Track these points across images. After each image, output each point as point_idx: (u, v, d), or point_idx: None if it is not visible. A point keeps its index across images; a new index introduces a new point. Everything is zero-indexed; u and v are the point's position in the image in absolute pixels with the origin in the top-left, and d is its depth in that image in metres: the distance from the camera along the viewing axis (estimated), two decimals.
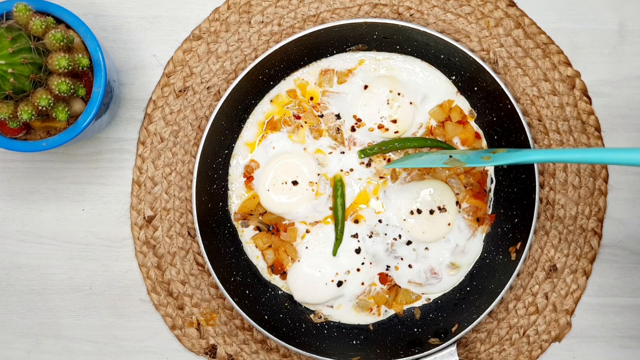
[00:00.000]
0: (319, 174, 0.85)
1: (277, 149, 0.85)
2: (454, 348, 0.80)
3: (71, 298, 0.87)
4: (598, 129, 0.86)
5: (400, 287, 0.86)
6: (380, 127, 0.84)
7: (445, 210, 0.84)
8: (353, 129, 0.85)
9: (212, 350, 0.87)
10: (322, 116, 0.85)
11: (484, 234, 0.86)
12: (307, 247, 0.85)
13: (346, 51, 0.85)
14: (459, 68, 0.83)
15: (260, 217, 0.86)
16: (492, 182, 0.86)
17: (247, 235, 0.86)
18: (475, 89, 0.83)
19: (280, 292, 0.87)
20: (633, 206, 0.87)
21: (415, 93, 0.85)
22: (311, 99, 0.85)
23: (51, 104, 0.68)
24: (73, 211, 0.87)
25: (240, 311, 0.80)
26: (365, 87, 0.85)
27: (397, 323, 0.86)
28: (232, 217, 0.86)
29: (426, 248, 0.85)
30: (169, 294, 0.86)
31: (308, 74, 0.86)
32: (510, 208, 0.84)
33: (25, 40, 0.67)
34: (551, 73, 0.86)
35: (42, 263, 0.87)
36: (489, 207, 0.86)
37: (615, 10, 0.87)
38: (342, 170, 0.85)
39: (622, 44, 0.87)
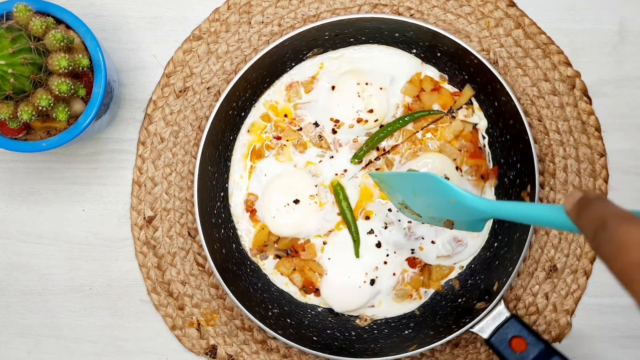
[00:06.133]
0: (316, 185, 0.84)
1: (268, 175, 0.85)
2: (502, 306, 0.79)
3: (71, 298, 0.87)
4: (598, 129, 0.86)
5: (430, 265, 0.85)
6: (359, 120, 0.84)
7: (448, 179, 0.83)
8: (334, 131, 0.85)
9: (212, 351, 0.86)
10: (301, 129, 0.85)
11: (493, 188, 0.85)
12: (329, 258, 0.85)
13: (304, 60, 0.85)
14: (416, 40, 0.83)
15: (275, 245, 0.85)
16: (484, 138, 0.86)
17: (269, 266, 0.86)
18: (438, 54, 0.83)
19: (320, 309, 0.86)
20: (633, 206, 0.87)
21: (382, 77, 0.85)
22: (285, 116, 0.85)
23: (51, 104, 0.68)
24: (73, 211, 0.87)
25: (300, 347, 0.79)
26: (333, 87, 0.84)
27: (440, 300, 0.86)
28: (250, 254, 0.86)
29: None
30: (169, 294, 0.86)
31: (275, 94, 0.85)
32: (509, 155, 0.83)
33: (25, 40, 0.67)
34: (551, 73, 0.86)
35: (42, 263, 0.87)
36: (489, 161, 0.86)
37: (615, 10, 0.87)
38: (337, 174, 0.85)
39: (622, 44, 0.87)
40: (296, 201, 0.83)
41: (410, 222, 0.84)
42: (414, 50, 0.85)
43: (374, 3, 0.86)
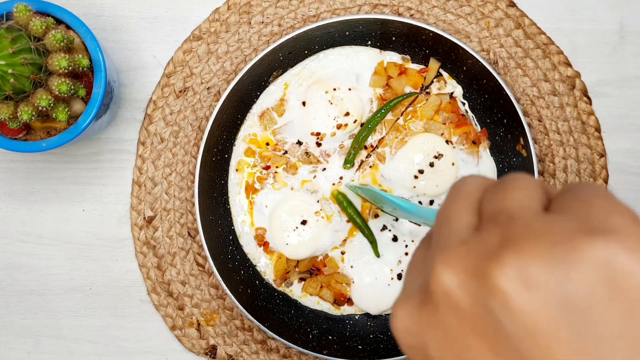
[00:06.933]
0: (318, 201, 0.84)
1: (269, 206, 0.85)
2: None
3: (71, 298, 0.87)
4: (598, 130, 0.86)
5: None
6: (339, 126, 0.84)
7: (442, 155, 0.83)
8: (318, 144, 0.85)
9: (212, 351, 0.87)
10: (286, 152, 0.85)
11: (488, 150, 0.85)
12: (352, 266, 0.85)
13: (267, 85, 0.85)
14: (367, 32, 0.83)
15: (296, 269, 0.85)
16: (464, 104, 0.86)
17: (296, 291, 0.86)
18: (393, 38, 0.83)
19: (357, 317, 0.86)
20: (633, 206, 0.87)
21: (347, 78, 0.85)
22: (267, 144, 0.85)
23: (51, 105, 0.68)
24: (73, 211, 0.87)
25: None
26: (304, 103, 0.85)
27: None
28: (275, 286, 0.86)
29: None
30: (169, 294, 0.86)
31: (250, 127, 0.85)
32: (493, 113, 0.83)
33: (25, 40, 0.67)
34: (551, 73, 0.86)
35: (42, 263, 0.87)
36: (475, 125, 0.86)
37: (615, 10, 0.87)
38: (334, 184, 0.85)
39: (622, 44, 0.87)
40: (303, 222, 0.83)
41: (420, 202, 0.84)
42: (369, 42, 0.85)
43: (374, 3, 0.86)
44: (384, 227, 0.85)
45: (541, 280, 0.26)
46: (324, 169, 0.85)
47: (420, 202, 0.84)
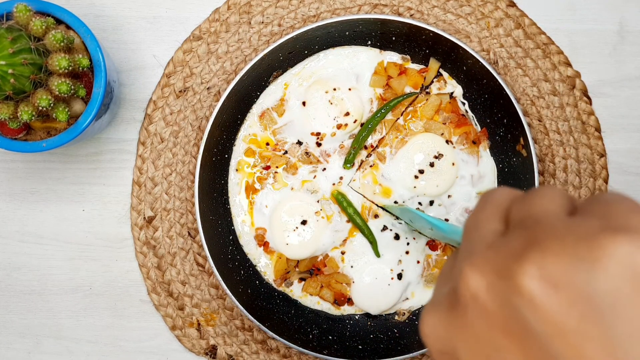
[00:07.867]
0: (318, 201, 0.84)
1: (269, 206, 0.85)
2: None
3: (71, 298, 0.87)
4: (598, 129, 0.87)
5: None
6: (339, 126, 0.84)
7: (442, 155, 0.84)
8: (318, 144, 0.85)
9: (212, 351, 0.87)
10: (286, 152, 0.85)
11: (488, 150, 0.85)
12: (352, 266, 0.85)
13: (267, 85, 0.85)
14: (367, 32, 0.83)
15: (297, 269, 0.85)
16: (464, 104, 0.86)
17: (296, 291, 0.86)
18: (393, 38, 0.84)
19: (357, 317, 0.86)
20: None
21: (347, 78, 0.85)
22: (267, 144, 0.85)
23: (51, 105, 0.68)
24: (73, 212, 0.87)
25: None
26: (304, 103, 0.84)
27: None
28: (275, 286, 0.86)
29: (449, 196, 0.84)
30: (169, 294, 0.86)
31: (250, 127, 0.85)
32: (493, 113, 0.83)
33: (25, 40, 0.67)
34: (551, 73, 0.86)
35: (42, 263, 0.87)
36: (475, 125, 0.86)
37: (615, 10, 0.87)
38: (334, 184, 0.85)
39: (622, 44, 0.87)
40: (303, 222, 0.83)
41: (418, 208, 0.84)
42: (369, 42, 0.85)
43: (374, 3, 0.86)
44: (385, 227, 0.85)
45: (566, 278, 0.26)
46: (324, 169, 0.85)
47: (420, 203, 0.85)
